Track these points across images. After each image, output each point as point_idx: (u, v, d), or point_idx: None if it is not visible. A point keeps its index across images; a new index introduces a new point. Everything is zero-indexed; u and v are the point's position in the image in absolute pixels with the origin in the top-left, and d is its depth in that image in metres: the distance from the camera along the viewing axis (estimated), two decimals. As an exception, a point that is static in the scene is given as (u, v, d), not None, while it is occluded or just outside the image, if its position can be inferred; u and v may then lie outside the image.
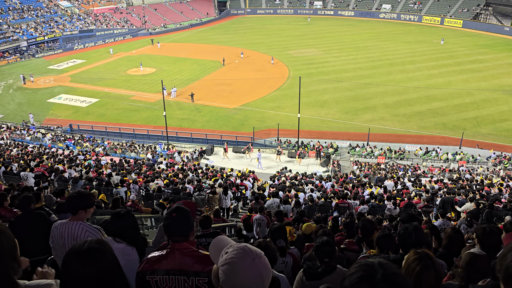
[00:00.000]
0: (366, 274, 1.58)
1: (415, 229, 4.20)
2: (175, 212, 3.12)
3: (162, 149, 32.89)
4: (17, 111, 42.52)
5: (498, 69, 52.01)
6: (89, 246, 2.19)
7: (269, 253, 3.88)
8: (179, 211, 3.14)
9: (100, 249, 2.20)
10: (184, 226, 3.09)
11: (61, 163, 18.56)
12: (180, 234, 3.07)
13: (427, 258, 2.88)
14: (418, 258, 2.89)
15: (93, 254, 2.17)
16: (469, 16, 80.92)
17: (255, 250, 2.05)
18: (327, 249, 4.30)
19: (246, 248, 2.04)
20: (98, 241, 2.27)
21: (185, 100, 43.75)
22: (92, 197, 4.30)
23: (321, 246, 4.32)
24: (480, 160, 30.83)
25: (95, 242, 2.24)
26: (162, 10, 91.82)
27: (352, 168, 29.71)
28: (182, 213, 3.13)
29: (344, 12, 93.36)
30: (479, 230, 4.80)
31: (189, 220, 3.14)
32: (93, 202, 4.29)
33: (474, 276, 3.80)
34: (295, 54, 61.37)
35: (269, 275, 2.03)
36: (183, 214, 3.13)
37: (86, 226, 4.08)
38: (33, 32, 68.04)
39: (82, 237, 3.96)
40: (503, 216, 10.65)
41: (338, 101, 42.63)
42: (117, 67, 57.05)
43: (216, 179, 19.96)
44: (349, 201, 14.19)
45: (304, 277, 4.14)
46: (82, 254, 2.15)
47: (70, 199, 4.17)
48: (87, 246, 2.19)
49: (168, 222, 3.09)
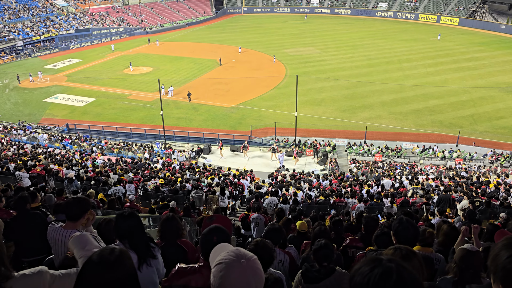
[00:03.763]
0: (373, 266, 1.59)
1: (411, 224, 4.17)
2: (216, 236, 2.93)
3: (160, 148, 32.84)
4: (13, 111, 42.32)
5: (494, 66, 52.16)
6: (116, 255, 2.18)
7: (266, 253, 3.87)
8: (220, 234, 2.96)
9: (125, 259, 2.21)
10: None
11: (58, 163, 18.51)
12: None
13: (403, 250, 2.88)
14: (393, 249, 2.91)
15: (120, 263, 2.16)
16: (465, 14, 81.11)
17: (246, 253, 2.05)
18: (326, 252, 4.25)
19: (237, 251, 2.05)
20: (122, 249, 2.27)
21: (182, 99, 43.68)
22: (89, 200, 4.24)
23: (320, 249, 4.27)
24: (476, 158, 30.93)
25: (120, 251, 2.23)
26: (158, 9, 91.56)
27: (349, 166, 29.76)
28: (223, 235, 2.96)
29: (340, 10, 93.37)
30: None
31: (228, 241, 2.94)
32: (90, 204, 4.23)
33: (467, 271, 3.87)
34: (292, 52, 61.35)
35: (258, 279, 2.01)
36: (223, 236, 2.96)
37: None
38: (29, 31, 67.72)
39: None
40: (499, 213, 10.69)
41: (335, 99, 42.66)
42: (113, 66, 56.86)
43: (213, 178, 19.95)
44: (347, 200, 14.22)
45: (303, 280, 4.12)
46: (110, 264, 2.14)
47: (70, 205, 4.05)
48: (114, 256, 2.17)
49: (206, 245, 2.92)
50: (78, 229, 4.02)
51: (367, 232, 6.37)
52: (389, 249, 2.96)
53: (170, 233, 4.80)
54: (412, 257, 2.79)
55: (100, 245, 3.56)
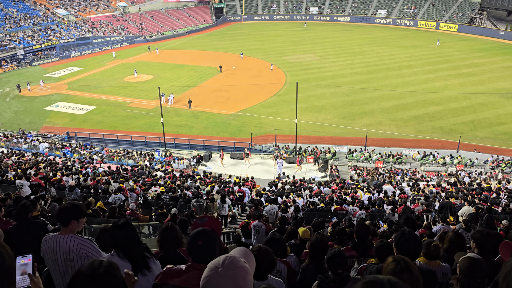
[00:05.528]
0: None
1: (413, 236, 4.16)
2: (201, 240, 2.95)
3: (160, 156, 32.82)
4: (14, 119, 42.39)
5: (494, 72, 52.27)
6: (104, 268, 2.19)
7: (267, 259, 3.84)
8: (205, 237, 2.97)
9: (113, 271, 2.22)
10: (209, 251, 2.94)
11: (58, 171, 18.48)
12: (205, 260, 2.87)
13: (402, 262, 2.88)
14: (393, 261, 2.91)
15: (108, 276, 2.18)
16: (464, 20, 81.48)
17: (226, 262, 2.16)
18: (340, 260, 4.25)
19: (222, 259, 2.19)
20: (110, 262, 2.27)
21: (182, 106, 43.76)
22: (84, 208, 4.22)
23: (333, 257, 4.27)
24: (477, 164, 30.86)
25: (108, 264, 2.23)
26: (158, 17, 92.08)
27: (350, 173, 29.70)
28: (208, 239, 2.97)
29: (340, 17, 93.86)
30: (477, 234, 4.80)
31: (215, 244, 2.98)
32: (85, 212, 4.22)
33: (474, 280, 3.77)
34: (292, 59, 61.56)
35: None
36: (209, 239, 2.97)
37: (78, 238, 3.96)
38: (30, 40, 68.06)
39: (75, 250, 3.86)
40: (501, 220, 10.62)
41: (335, 106, 42.71)
42: (114, 74, 57.07)
43: (214, 186, 19.89)
44: (348, 207, 14.16)
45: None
46: (98, 276, 2.15)
47: (62, 210, 4.05)
48: (102, 269, 2.19)
49: (192, 248, 2.95)
50: (74, 234, 4.01)
51: (359, 239, 6.33)
52: (389, 260, 2.93)
53: (169, 242, 4.77)
54: (412, 270, 2.76)
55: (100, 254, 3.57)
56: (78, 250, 3.86)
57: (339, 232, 7.32)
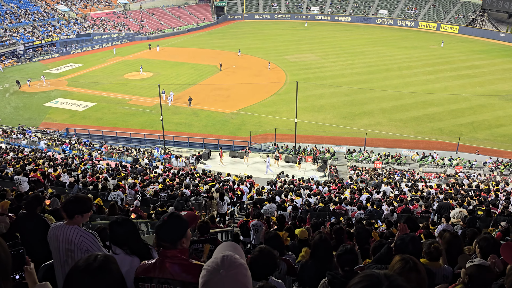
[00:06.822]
0: (371, 284, 1.55)
1: (412, 240, 4.17)
2: (167, 216, 3.04)
3: (159, 153, 32.79)
4: (14, 115, 42.34)
5: (494, 74, 52.29)
6: (100, 263, 2.19)
7: (270, 260, 3.84)
8: (172, 216, 3.06)
9: (109, 265, 2.21)
10: (174, 232, 3.00)
11: (57, 168, 18.46)
12: (167, 240, 2.99)
13: (410, 261, 2.86)
14: (401, 260, 2.88)
15: (103, 271, 2.18)
16: (465, 22, 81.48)
17: (230, 263, 2.11)
18: (350, 257, 4.25)
19: (222, 259, 2.13)
20: (106, 256, 2.27)
21: (182, 104, 43.73)
22: (89, 202, 4.24)
23: (343, 254, 4.26)
24: (476, 166, 30.89)
25: (104, 258, 2.23)
26: (159, 15, 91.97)
27: (349, 173, 29.71)
28: (175, 219, 3.04)
29: (341, 17, 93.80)
30: (483, 242, 4.77)
31: (180, 228, 3.03)
32: (90, 207, 4.23)
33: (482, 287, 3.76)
34: (292, 59, 61.53)
35: None
36: (175, 220, 3.04)
37: (81, 231, 3.99)
38: (30, 36, 67.95)
39: (76, 241, 3.89)
40: (500, 222, 10.64)
41: (335, 106, 42.71)
42: (114, 71, 56.99)
43: (213, 184, 19.89)
44: (346, 207, 14.17)
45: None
46: (94, 271, 2.15)
47: (67, 203, 4.10)
48: (98, 263, 2.19)
49: (158, 225, 3.03)
50: (79, 226, 4.05)
51: (358, 243, 6.29)
52: (396, 259, 2.91)
53: None
54: (420, 269, 2.73)
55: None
56: (79, 242, 3.89)
57: (336, 231, 7.32)
